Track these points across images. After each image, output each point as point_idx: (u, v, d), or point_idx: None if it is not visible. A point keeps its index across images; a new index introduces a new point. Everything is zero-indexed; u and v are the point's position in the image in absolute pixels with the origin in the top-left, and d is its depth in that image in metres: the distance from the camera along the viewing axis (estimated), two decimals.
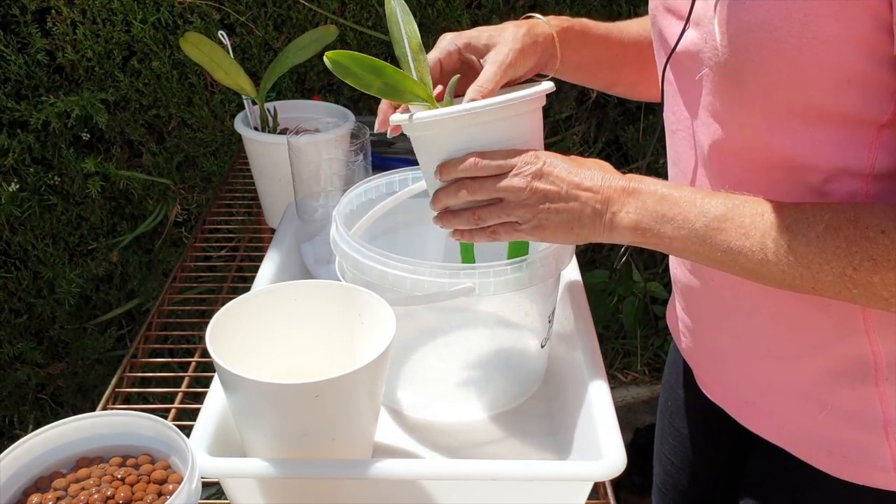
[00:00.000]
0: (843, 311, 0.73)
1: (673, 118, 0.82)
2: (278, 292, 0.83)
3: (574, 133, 2.06)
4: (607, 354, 2.28)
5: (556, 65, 0.88)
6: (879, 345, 0.73)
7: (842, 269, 0.65)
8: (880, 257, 0.63)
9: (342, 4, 1.81)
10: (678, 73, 0.79)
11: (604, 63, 0.94)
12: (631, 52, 0.94)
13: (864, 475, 0.77)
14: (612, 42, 0.93)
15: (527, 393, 0.92)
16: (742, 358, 0.83)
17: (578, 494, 0.76)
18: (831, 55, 0.63)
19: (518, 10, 1.89)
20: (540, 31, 0.85)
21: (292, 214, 1.15)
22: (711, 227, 0.70)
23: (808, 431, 0.79)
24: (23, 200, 1.83)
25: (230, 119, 1.85)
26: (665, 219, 0.72)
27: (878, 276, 0.63)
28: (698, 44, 0.73)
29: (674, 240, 0.72)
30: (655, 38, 0.84)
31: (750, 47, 0.67)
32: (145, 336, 1.12)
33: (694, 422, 1.02)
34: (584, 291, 0.99)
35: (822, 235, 0.65)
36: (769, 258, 0.68)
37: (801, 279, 0.67)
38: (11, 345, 1.96)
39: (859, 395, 0.75)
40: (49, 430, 0.69)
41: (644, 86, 0.98)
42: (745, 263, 0.69)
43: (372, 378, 0.73)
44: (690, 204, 0.71)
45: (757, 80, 0.68)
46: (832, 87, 0.65)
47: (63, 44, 1.73)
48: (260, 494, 0.75)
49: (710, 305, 0.85)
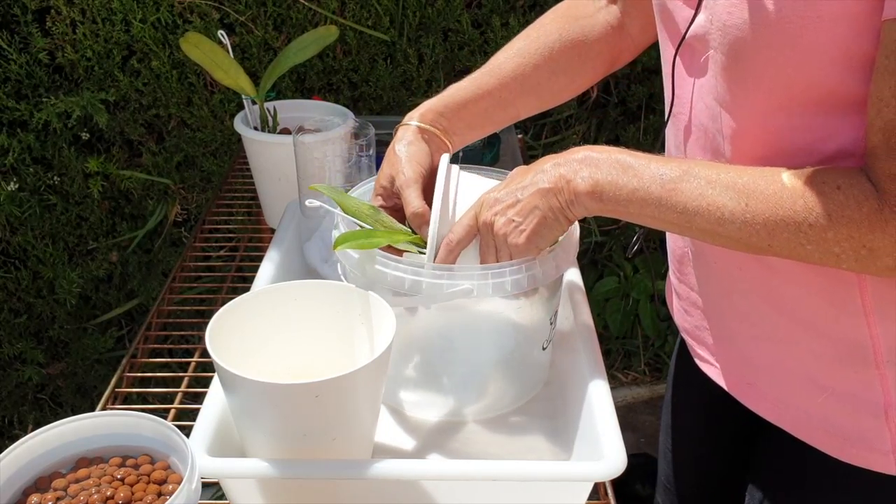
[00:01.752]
0: (842, 294, 0.73)
1: (675, 101, 0.82)
2: (278, 292, 0.83)
3: (574, 133, 2.06)
4: (607, 354, 2.28)
5: (448, 140, 0.93)
6: (878, 328, 0.73)
7: (797, 225, 0.66)
8: (835, 213, 0.64)
9: (342, 4, 1.81)
10: (684, 56, 0.80)
11: (493, 110, 0.97)
12: (515, 87, 0.96)
13: (864, 458, 0.77)
14: (488, 91, 0.96)
15: (528, 394, 0.92)
16: (742, 339, 0.84)
17: (579, 495, 0.76)
18: (834, 34, 0.64)
19: (518, 10, 1.89)
20: (411, 133, 0.91)
21: (292, 214, 1.15)
22: (667, 189, 0.71)
23: (808, 413, 0.80)
24: (22, 200, 1.83)
25: (230, 119, 1.85)
26: (620, 183, 0.74)
27: (832, 232, 0.64)
28: (705, 26, 0.74)
29: (630, 202, 0.73)
30: (661, 22, 0.84)
31: (756, 26, 0.67)
32: (145, 336, 1.12)
33: (699, 417, 1.02)
34: (584, 292, 0.99)
35: (779, 192, 0.67)
36: (725, 217, 0.69)
37: (757, 237, 0.68)
38: (11, 345, 1.96)
39: (859, 378, 0.75)
40: (49, 431, 0.69)
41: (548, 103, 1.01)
42: (701, 224, 0.70)
43: (372, 378, 0.73)
44: (645, 167, 0.73)
45: (763, 61, 0.68)
46: (836, 68, 0.65)
47: (63, 43, 1.73)
48: (260, 494, 0.75)
49: (711, 283, 0.86)
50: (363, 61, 1.86)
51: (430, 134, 0.92)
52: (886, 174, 0.63)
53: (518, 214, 0.78)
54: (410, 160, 0.89)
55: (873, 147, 0.64)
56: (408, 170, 0.88)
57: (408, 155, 0.89)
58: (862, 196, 0.64)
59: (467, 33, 1.88)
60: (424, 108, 0.94)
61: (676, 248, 0.92)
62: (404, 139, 0.91)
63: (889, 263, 0.64)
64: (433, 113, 0.93)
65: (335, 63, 1.85)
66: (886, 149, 0.62)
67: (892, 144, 0.62)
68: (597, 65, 1.00)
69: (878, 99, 0.63)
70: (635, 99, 2.05)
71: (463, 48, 1.90)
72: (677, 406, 1.06)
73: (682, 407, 1.05)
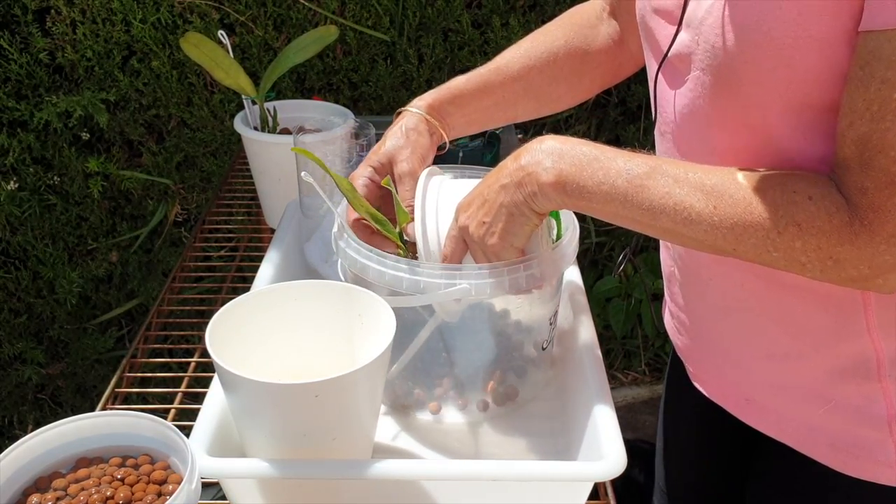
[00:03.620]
0: (845, 309, 0.73)
1: (662, 120, 0.82)
2: (278, 292, 0.83)
3: (574, 133, 2.06)
4: (608, 354, 2.28)
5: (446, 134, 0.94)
6: (881, 342, 0.73)
7: (766, 232, 0.65)
8: (805, 223, 0.63)
9: (342, 4, 1.81)
10: (668, 75, 0.79)
11: (493, 110, 0.97)
12: (518, 88, 0.96)
13: (869, 471, 0.77)
14: (493, 89, 0.96)
15: (528, 395, 0.92)
16: (740, 357, 0.83)
17: (579, 495, 0.76)
18: (827, 53, 0.63)
19: (518, 10, 1.89)
20: (418, 121, 0.91)
21: (292, 214, 1.15)
22: (634, 185, 0.70)
23: (811, 427, 0.79)
24: (22, 200, 1.83)
25: (230, 119, 1.85)
26: (584, 174, 0.72)
27: (801, 242, 0.64)
28: (689, 46, 0.73)
29: (595, 196, 0.71)
30: (644, 39, 0.84)
31: (745, 49, 0.66)
32: (145, 336, 1.11)
33: (695, 421, 1.02)
34: (584, 292, 0.99)
35: (749, 198, 0.65)
36: (692, 218, 0.67)
37: (723, 240, 0.67)
38: (11, 345, 1.96)
39: (862, 391, 0.75)
40: (49, 431, 0.69)
41: (546, 108, 1.01)
42: (666, 223, 0.69)
43: (372, 378, 0.73)
44: (611, 161, 0.71)
45: (753, 81, 0.68)
46: (830, 85, 0.65)
47: (63, 43, 1.73)
48: (260, 494, 0.75)
49: (707, 304, 0.85)
50: (363, 61, 1.86)
51: (432, 126, 0.92)
52: (858, 187, 0.62)
53: (487, 215, 0.77)
54: (415, 151, 0.88)
55: (844, 159, 0.63)
56: (412, 159, 0.87)
57: (414, 144, 0.88)
58: (833, 208, 0.63)
59: (467, 33, 1.88)
60: (431, 98, 0.93)
61: (665, 267, 0.92)
62: (411, 125, 0.90)
63: (853, 274, 0.64)
64: (439, 103, 0.93)
65: (335, 63, 1.85)
66: (860, 162, 0.62)
67: (865, 158, 0.61)
68: (596, 76, 1.00)
69: (851, 111, 0.62)
70: (635, 99, 2.05)
71: (463, 48, 1.90)
72: (672, 414, 1.05)
73: (678, 416, 1.05)
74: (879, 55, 0.59)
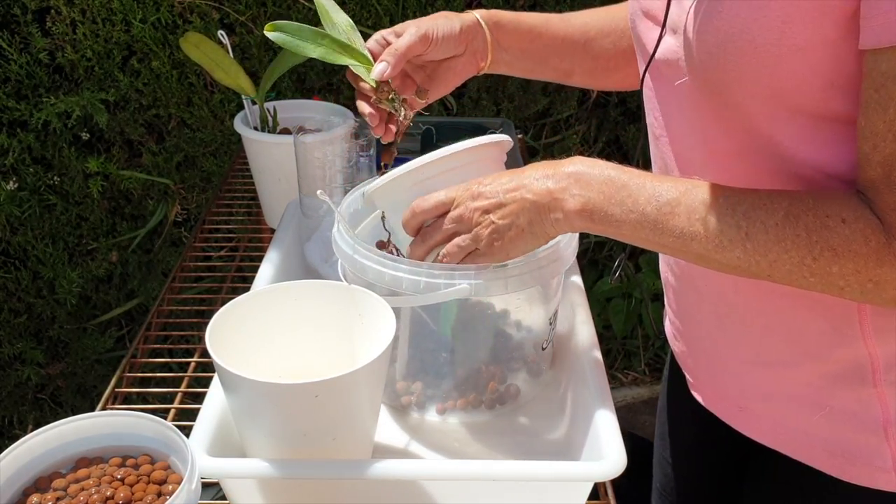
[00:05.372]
0: (840, 316, 0.73)
1: (655, 124, 0.81)
2: (278, 292, 0.83)
3: (574, 133, 2.06)
4: (608, 354, 2.28)
5: (488, 49, 0.91)
6: (877, 348, 0.73)
7: (801, 258, 0.64)
8: (840, 247, 0.62)
9: (342, 4, 1.80)
10: (657, 80, 0.78)
11: (549, 50, 0.95)
12: (577, 40, 0.95)
13: (866, 476, 0.76)
14: (552, 30, 0.94)
15: (528, 395, 0.92)
16: (735, 364, 0.83)
17: (578, 495, 0.76)
18: (812, 60, 0.63)
19: (518, 10, 1.89)
20: (465, 17, 0.90)
21: (292, 214, 1.15)
22: (663, 212, 0.68)
23: (807, 434, 0.79)
24: (22, 200, 1.83)
25: (230, 119, 1.85)
26: (613, 202, 0.70)
27: (838, 266, 0.63)
28: (677, 52, 0.73)
29: (623, 224, 0.70)
30: (635, 42, 0.84)
31: (729, 56, 0.66)
32: (145, 336, 1.12)
33: (692, 425, 1.02)
34: (584, 292, 0.99)
35: (782, 224, 0.64)
36: (724, 245, 0.66)
37: (756, 266, 0.66)
38: (11, 345, 1.96)
39: (858, 397, 0.75)
40: (49, 431, 0.69)
41: (602, 73, 0.98)
42: (697, 249, 0.68)
43: (372, 378, 0.73)
44: (640, 187, 0.70)
45: (738, 88, 0.67)
46: (816, 92, 0.64)
47: (63, 43, 1.73)
48: (260, 495, 0.75)
49: (702, 311, 0.85)
50: None
51: (483, 39, 0.92)
52: (891, 207, 0.61)
53: (502, 218, 0.74)
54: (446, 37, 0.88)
55: (872, 180, 0.62)
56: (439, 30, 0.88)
57: (436, 21, 0.89)
58: (868, 230, 0.62)
59: None
60: (496, 15, 0.93)
61: (662, 272, 0.91)
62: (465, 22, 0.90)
63: (894, 295, 0.63)
64: (498, 17, 0.92)
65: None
66: (888, 182, 0.61)
67: (893, 178, 0.61)
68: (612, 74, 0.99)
69: (873, 133, 0.61)
70: (635, 99, 2.05)
71: None
72: (670, 413, 1.05)
73: (675, 420, 1.04)
74: (894, 75, 0.58)
